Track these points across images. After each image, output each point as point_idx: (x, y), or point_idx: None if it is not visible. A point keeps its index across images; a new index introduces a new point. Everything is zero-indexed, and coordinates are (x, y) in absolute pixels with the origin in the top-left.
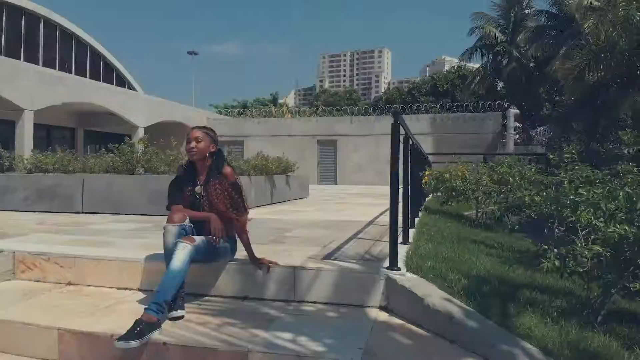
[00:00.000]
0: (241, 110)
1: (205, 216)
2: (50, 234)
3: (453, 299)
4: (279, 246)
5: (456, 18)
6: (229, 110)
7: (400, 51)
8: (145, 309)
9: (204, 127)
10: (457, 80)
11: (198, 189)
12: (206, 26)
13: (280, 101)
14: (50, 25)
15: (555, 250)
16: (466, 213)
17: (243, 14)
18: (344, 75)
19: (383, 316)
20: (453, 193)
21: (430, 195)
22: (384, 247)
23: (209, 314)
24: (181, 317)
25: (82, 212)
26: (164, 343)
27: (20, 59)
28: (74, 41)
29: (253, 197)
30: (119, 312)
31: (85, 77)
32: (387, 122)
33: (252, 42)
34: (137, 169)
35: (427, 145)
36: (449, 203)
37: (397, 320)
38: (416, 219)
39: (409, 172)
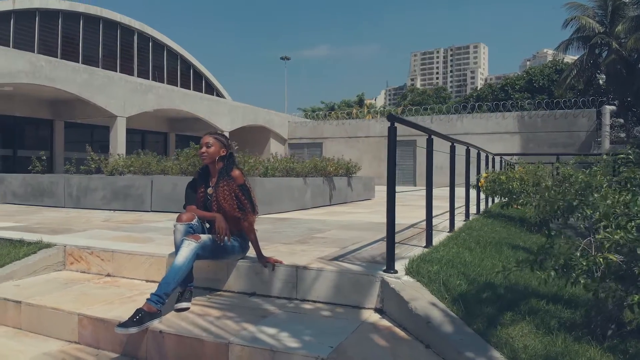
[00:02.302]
0: (327, 112)
1: (211, 216)
2: (108, 230)
3: (439, 304)
4: (300, 246)
5: (558, 8)
6: (316, 113)
7: (499, 46)
8: (147, 299)
9: (216, 133)
10: (554, 75)
11: (210, 190)
12: (297, 32)
13: (368, 101)
14: (144, 37)
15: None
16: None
17: (332, 18)
18: (437, 73)
19: (374, 318)
20: (514, 196)
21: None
22: (405, 249)
23: (213, 308)
24: (186, 309)
25: (151, 211)
26: (161, 331)
27: (116, 70)
28: (165, 51)
29: (309, 198)
30: (138, 302)
31: (176, 85)
32: (469, 120)
33: (342, 45)
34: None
35: (514, 144)
36: (509, 206)
37: (385, 323)
38: (461, 222)
39: (450, 174)
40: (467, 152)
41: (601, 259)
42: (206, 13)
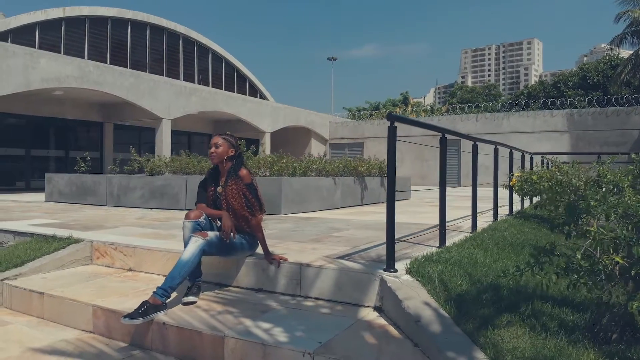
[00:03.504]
0: (372, 112)
1: (218, 214)
2: (137, 227)
3: (432, 304)
4: (312, 244)
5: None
6: (361, 113)
7: (554, 41)
8: (153, 292)
9: (225, 134)
10: (609, 71)
11: (219, 189)
12: (345, 33)
13: (413, 100)
14: (189, 41)
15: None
16: None
17: (381, 16)
18: (489, 70)
19: (372, 316)
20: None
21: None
22: (417, 249)
23: (218, 302)
24: (193, 303)
25: (185, 209)
26: (164, 323)
27: (163, 74)
28: (210, 55)
29: (339, 198)
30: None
31: (221, 87)
32: (516, 119)
33: (391, 43)
34: None
35: (562, 143)
36: (543, 207)
37: (381, 321)
38: (487, 223)
39: (472, 174)
40: (495, 151)
41: (607, 261)
42: (252, 17)
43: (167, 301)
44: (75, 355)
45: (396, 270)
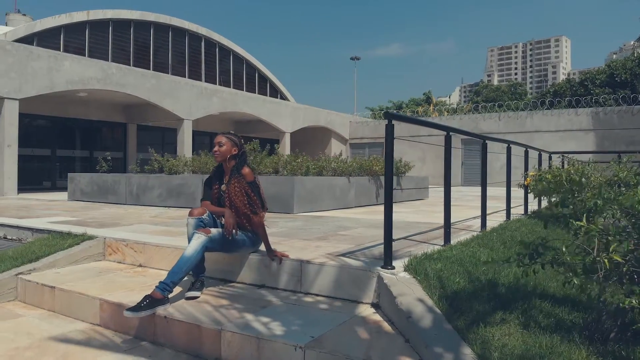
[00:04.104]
0: (394, 111)
1: (221, 211)
2: (151, 225)
3: (426, 300)
4: (317, 242)
5: None
6: (383, 112)
7: (583, 39)
8: (155, 287)
9: (228, 133)
10: (637, 69)
11: (223, 187)
12: (370, 32)
13: (434, 99)
14: (210, 43)
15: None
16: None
17: (407, 15)
18: (515, 68)
19: (368, 312)
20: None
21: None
22: (422, 247)
23: (220, 297)
24: (196, 298)
25: None
26: (166, 317)
27: (185, 76)
28: (231, 56)
29: (353, 197)
30: None
31: (242, 89)
32: (540, 118)
33: (416, 42)
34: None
35: (587, 142)
36: (557, 207)
37: (377, 317)
38: (499, 222)
39: (481, 173)
40: (508, 150)
41: (606, 260)
42: (275, 18)
43: (169, 295)
44: (81, 345)
45: (394, 268)
